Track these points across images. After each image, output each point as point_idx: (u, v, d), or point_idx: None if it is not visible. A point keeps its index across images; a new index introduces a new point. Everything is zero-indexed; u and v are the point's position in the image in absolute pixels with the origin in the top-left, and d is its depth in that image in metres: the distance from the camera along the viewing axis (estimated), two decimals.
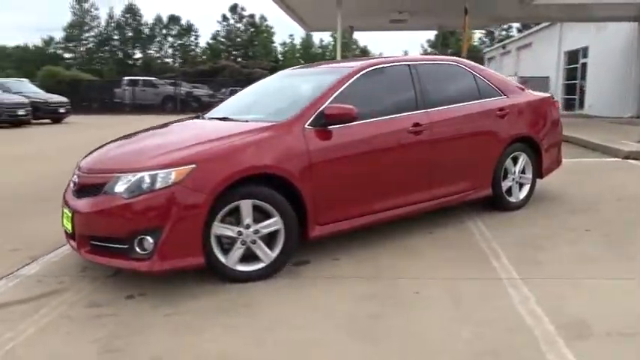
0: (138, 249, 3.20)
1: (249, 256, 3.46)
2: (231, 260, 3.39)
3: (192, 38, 67.71)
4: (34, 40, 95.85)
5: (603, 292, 3.19)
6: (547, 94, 5.55)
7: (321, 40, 63.70)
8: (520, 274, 3.48)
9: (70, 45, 65.26)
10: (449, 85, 4.69)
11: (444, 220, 4.74)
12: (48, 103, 19.14)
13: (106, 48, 65.31)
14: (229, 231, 3.36)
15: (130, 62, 64.11)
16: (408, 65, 4.44)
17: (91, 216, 3.33)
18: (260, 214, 3.45)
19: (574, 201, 5.50)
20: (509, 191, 5.00)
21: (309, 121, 3.71)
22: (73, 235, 3.51)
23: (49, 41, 66.24)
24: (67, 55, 64.15)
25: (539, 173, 5.25)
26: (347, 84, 4.00)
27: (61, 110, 19.46)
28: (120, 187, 3.25)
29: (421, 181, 4.28)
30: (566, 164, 7.86)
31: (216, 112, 4.56)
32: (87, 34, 65.18)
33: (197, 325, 2.90)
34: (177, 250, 3.18)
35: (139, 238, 3.19)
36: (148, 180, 3.20)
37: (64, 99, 20.08)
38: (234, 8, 65.66)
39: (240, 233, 3.38)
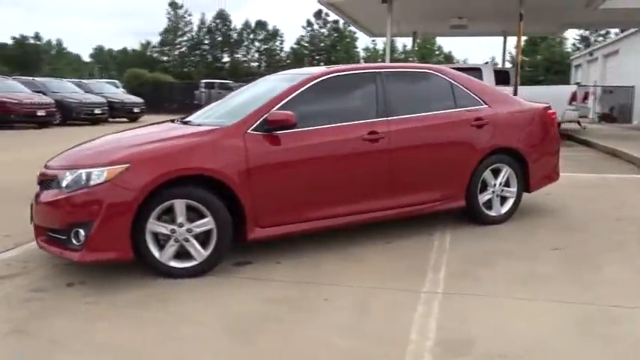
0: (74, 240, 3.46)
1: (183, 254, 3.63)
2: (165, 256, 3.58)
3: (278, 43, 69.48)
4: (134, 44, 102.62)
5: (519, 314, 3.04)
6: (544, 104, 5.27)
7: (404, 45, 63.06)
8: (446, 289, 3.39)
9: (165, 49, 69.11)
10: (420, 94, 4.61)
11: (411, 230, 4.65)
12: (124, 103, 20.56)
13: (197, 52, 68.49)
14: (163, 228, 3.55)
15: (219, 65, 66.76)
16: (374, 73, 4.42)
17: (40, 207, 3.65)
18: (196, 214, 3.61)
19: (568, 217, 5.20)
20: (488, 204, 4.81)
21: (254, 127, 3.82)
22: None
23: (146, 45, 70.61)
24: (163, 59, 67.93)
25: (526, 187, 5.00)
26: (300, 91, 4.07)
27: (136, 110, 20.82)
28: (64, 183, 3.53)
29: (378, 189, 4.24)
30: (589, 178, 7.47)
31: (190, 115, 4.76)
32: (180, 39, 68.72)
33: (107, 315, 3.10)
34: (105, 244, 3.41)
35: (74, 230, 3.45)
36: (84, 177, 3.46)
37: (138, 99, 21.49)
38: (318, 14, 66.53)
39: (173, 231, 3.56)
